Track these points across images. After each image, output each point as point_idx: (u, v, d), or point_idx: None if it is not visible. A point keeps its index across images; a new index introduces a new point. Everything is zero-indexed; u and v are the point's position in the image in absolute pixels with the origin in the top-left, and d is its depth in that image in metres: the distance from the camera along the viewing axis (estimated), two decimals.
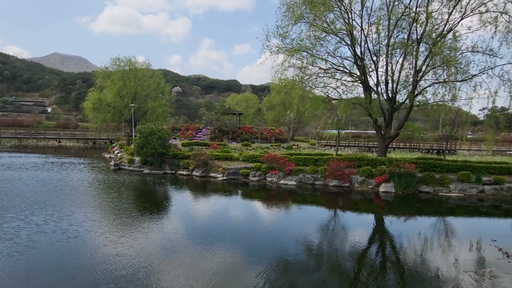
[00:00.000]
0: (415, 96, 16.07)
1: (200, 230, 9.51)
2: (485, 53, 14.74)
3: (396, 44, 16.48)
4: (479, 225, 11.98)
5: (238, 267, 7.11)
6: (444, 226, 11.56)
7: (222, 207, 13.34)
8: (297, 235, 9.65)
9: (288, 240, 9.10)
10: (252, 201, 14.72)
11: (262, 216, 12.11)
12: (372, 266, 7.64)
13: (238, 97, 79.35)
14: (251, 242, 8.69)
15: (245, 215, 12.08)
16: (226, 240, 8.67)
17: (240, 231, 9.80)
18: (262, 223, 11.05)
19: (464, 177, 15.99)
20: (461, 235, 10.43)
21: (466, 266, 7.35)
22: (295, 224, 11.25)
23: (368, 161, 17.37)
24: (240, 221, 11.17)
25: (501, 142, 52.77)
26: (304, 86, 17.84)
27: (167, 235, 8.93)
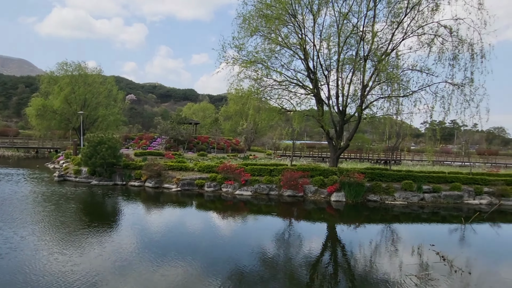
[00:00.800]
0: (363, 109, 17.02)
1: (154, 244, 9.12)
2: (423, 72, 16.12)
3: (345, 60, 17.42)
4: (420, 231, 12.81)
5: (194, 281, 6.91)
6: (390, 233, 12.24)
7: (176, 219, 12.97)
8: (253, 246, 9.65)
9: (244, 251, 9.08)
10: (208, 213, 14.51)
11: (218, 227, 11.95)
12: (325, 273, 7.83)
13: (195, 107, 78.60)
14: (207, 255, 8.53)
15: (201, 227, 11.86)
16: (181, 254, 8.41)
17: (196, 244, 9.58)
18: (218, 234, 10.90)
19: (407, 186, 17.11)
20: (405, 241, 11.09)
21: (408, 270, 7.80)
22: (251, 234, 11.25)
23: (321, 171, 17.95)
24: (195, 233, 10.93)
25: (439, 153, 57.47)
26: (260, 97, 18.13)
27: (115, 251, 8.44)
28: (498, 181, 17.95)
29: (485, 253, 10.07)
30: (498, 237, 12.23)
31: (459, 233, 12.18)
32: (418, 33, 15.94)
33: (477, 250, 10.29)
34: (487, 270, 8.48)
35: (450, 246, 10.35)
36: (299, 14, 17.22)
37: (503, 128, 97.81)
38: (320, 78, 18.20)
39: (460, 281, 7.31)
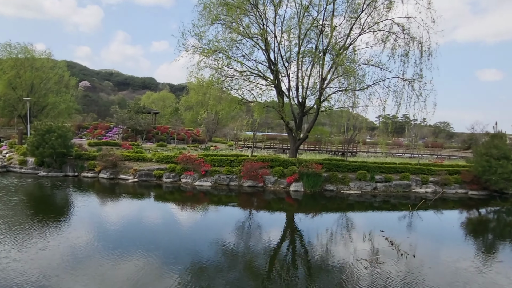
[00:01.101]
0: (322, 102, 17.46)
1: (109, 238, 8.76)
2: (378, 67, 16.87)
3: (305, 52, 17.68)
4: (372, 218, 13.54)
5: (153, 274, 6.75)
6: (345, 221, 12.78)
7: (133, 211, 12.54)
8: (213, 237, 9.60)
9: (204, 242, 9.00)
10: (167, 204, 14.19)
11: (178, 219, 11.76)
12: (283, 261, 8.01)
13: (155, 96, 76.09)
14: (166, 247, 8.36)
15: (160, 219, 11.60)
16: (139, 247, 8.15)
17: (154, 236, 9.34)
18: (178, 226, 10.73)
19: (361, 176, 17.94)
20: (358, 228, 11.65)
21: (360, 255, 8.20)
22: (210, 225, 11.18)
23: (280, 162, 18.25)
24: (154, 225, 10.66)
25: (391, 145, 60.80)
26: (220, 87, 17.91)
27: (64, 245, 7.98)
28: (441, 171, 19.39)
29: (428, 237, 10.88)
30: (440, 222, 13.19)
31: (406, 220, 13.02)
32: (373, 29, 16.59)
33: (421, 235, 11.07)
34: (429, 252, 9.18)
35: (398, 231, 11.03)
36: (260, 4, 17.14)
37: (448, 123, 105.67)
38: (281, 69, 18.35)
39: (405, 263, 7.83)
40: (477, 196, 18.36)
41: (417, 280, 6.85)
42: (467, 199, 17.98)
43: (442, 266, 7.88)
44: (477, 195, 18.40)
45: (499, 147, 17.41)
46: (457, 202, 17.15)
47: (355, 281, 6.59)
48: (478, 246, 10.13)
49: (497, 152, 17.31)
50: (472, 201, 17.59)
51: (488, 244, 10.48)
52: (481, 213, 15.31)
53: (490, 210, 15.90)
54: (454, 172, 19.50)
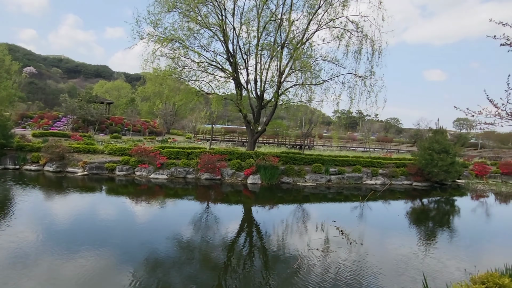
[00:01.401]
0: (279, 95, 17.68)
1: (59, 235, 8.20)
2: (333, 63, 17.43)
3: (264, 45, 17.75)
4: (325, 209, 14.05)
5: (105, 270, 6.46)
6: (300, 212, 13.11)
7: (84, 205, 11.83)
8: (169, 231, 9.41)
9: (160, 236, 8.79)
10: (120, 198, 13.54)
11: (132, 213, 11.30)
12: (241, 254, 8.03)
13: (108, 85, 72.38)
14: (120, 242, 8.02)
15: (113, 213, 11.07)
16: (90, 243, 7.73)
17: (107, 231, 8.91)
18: (132, 220, 10.31)
19: (317, 168, 18.52)
20: (312, 219, 11.98)
21: (312, 245, 8.47)
22: (167, 219, 10.93)
23: (238, 155, 18.27)
24: (107, 220, 10.15)
25: (346, 139, 63.49)
26: (177, 78, 17.45)
27: (12, 242, 7.35)
28: (389, 164, 20.60)
29: (376, 226, 11.53)
30: (387, 212, 14.03)
31: (357, 210, 13.66)
32: (330, 26, 17.05)
33: (369, 224, 11.68)
34: (375, 240, 9.73)
35: (349, 221, 11.56)
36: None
37: (397, 119, 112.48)
38: (239, 62, 18.30)
39: (353, 251, 8.22)
40: (421, 187, 19.78)
41: (362, 266, 7.24)
42: (412, 190, 19.28)
43: (385, 253, 8.40)
44: (421, 186, 19.82)
45: (440, 142, 18.84)
46: (403, 193, 18.34)
47: (306, 270, 6.81)
48: (419, 233, 10.90)
49: (438, 146, 18.72)
50: (416, 191, 18.89)
51: (427, 231, 11.31)
52: (423, 203, 16.50)
53: (431, 200, 17.17)
54: (401, 165, 20.82)
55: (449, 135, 72.43)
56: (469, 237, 10.51)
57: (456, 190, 19.82)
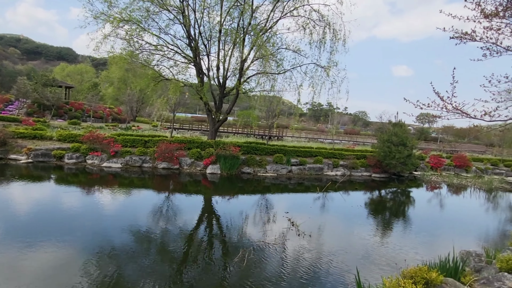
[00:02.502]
0: (241, 83, 17.23)
1: None
2: (296, 52, 17.15)
3: (227, 31, 17.17)
4: (283, 200, 13.91)
5: (57, 265, 5.97)
6: (256, 203, 12.87)
7: (28, 196, 10.88)
8: (125, 222, 8.86)
9: (115, 227, 8.31)
10: (70, 187, 12.49)
11: (84, 203, 10.52)
12: (185, 246, 7.63)
13: (70, 68, 68.49)
14: (71, 235, 7.44)
15: (62, 204, 10.22)
16: (38, 237, 7.09)
17: (57, 223, 8.26)
18: (84, 211, 9.57)
19: (278, 159, 18.38)
20: (267, 210, 11.74)
21: (259, 237, 8.23)
22: (122, 210, 10.30)
23: (198, 144, 17.74)
24: (56, 212, 9.36)
25: (314, 131, 64.36)
26: (134, 62, 16.52)
27: None
28: (350, 155, 20.88)
29: (329, 217, 11.53)
30: (344, 203, 14.08)
31: (313, 201, 13.66)
32: (294, 14, 16.71)
33: (323, 215, 11.66)
34: (326, 232, 9.65)
35: (303, 212, 11.48)
36: None
37: (365, 112, 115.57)
38: (201, 47, 17.60)
39: (299, 243, 8.08)
40: (379, 178, 20.24)
41: (302, 259, 7.08)
42: (371, 181, 19.68)
43: (331, 245, 8.31)
44: (379, 178, 20.28)
45: (399, 135, 19.28)
46: (362, 184, 18.66)
47: (246, 263, 6.54)
48: (371, 224, 11.00)
49: (396, 139, 19.15)
50: (374, 183, 19.29)
51: (380, 222, 11.46)
52: (380, 194, 16.84)
53: (387, 191, 17.57)
54: (361, 157, 21.17)
55: (412, 129, 75.46)
56: (418, 228, 10.72)
57: (412, 182, 20.46)
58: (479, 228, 11.44)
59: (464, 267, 6.09)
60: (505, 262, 5.27)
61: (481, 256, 7.11)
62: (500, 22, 7.55)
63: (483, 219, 13.19)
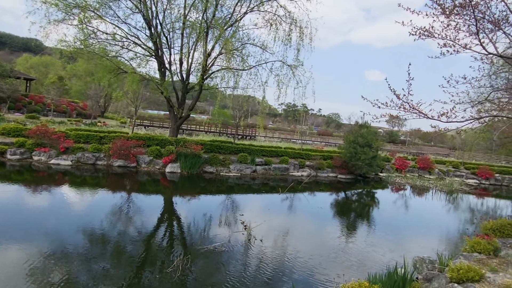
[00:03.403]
0: (205, 79, 16.52)
1: None
2: (262, 48, 16.61)
3: (192, 24, 16.34)
4: (242, 201, 13.30)
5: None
6: (212, 205, 12.24)
7: None
8: (76, 224, 8.04)
9: (66, 230, 7.57)
10: (13, 187, 11.30)
11: (29, 205, 9.45)
12: (132, 251, 6.92)
13: (34, 60, 64.83)
14: (17, 238, 6.72)
15: (4, 205, 9.16)
16: None
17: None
18: (30, 213, 8.62)
19: (242, 158, 17.79)
20: (221, 212, 11.02)
21: (205, 243, 7.57)
22: (73, 211, 9.36)
23: (158, 141, 16.85)
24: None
25: (288, 131, 64.46)
26: (89, 52, 15.39)
27: None
28: (317, 156, 20.65)
29: (285, 220, 11.06)
30: (306, 204, 13.67)
31: (273, 202, 13.20)
32: (260, 9, 16.17)
33: (280, 218, 11.18)
34: (279, 236, 8.99)
35: (261, 214, 10.95)
36: None
37: (338, 114, 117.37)
38: (163, 40, 16.72)
39: (246, 249, 7.51)
40: (345, 179, 20.11)
41: (242, 268, 6.51)
42: (336, 182, 19.51)
43: (280, 252, 7.74)
44: (345, 179, 20.15)
45: (364, 136, 19.22)
46: (327, 185, 18.44)
47: (181, 272, 5.88)
48: (330, 227, 10.63)
49: (362, 140, 19.08)
50: (340, 184, 19.13)
51: (339, 225, 11.14)
52: (342, 195, 16.66)
53: (351, 193, 17.42)
54: (328, 157, 20.98)
55: (382, 131, 77.27)
56: (376, 232, 10.44)
57: (377, 183, 20.51)
58: (438, 231, 11.36)
59: (413, 276, 5.76)
60: (456, 271, 4.95)
61: (434, 263, 6.83)
62: (458, 19, 7.35)
63: (442, 221, 13.21)
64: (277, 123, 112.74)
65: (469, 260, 6.22)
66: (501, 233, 7.98)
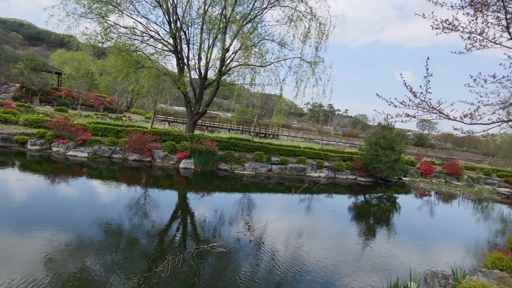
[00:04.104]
0: (222, 75, 16.28)
1: None
2: (281, 45, 16.13)
3: (210, 19, 16.15)
4: (253, 200, 12.90)
5: (19, 256, 5.50)
6: (222, 203, 11.94)
7: None
8: (93, 215, 8.17)
9: (83, 221, 7.71)
10: (33, 176, 11.49)
11: (49, 193, 9.77)
12: (153, 244, 6.97)
13: (67, 55, 67.44)
14: (37, 226, 6.90)
15: (25, 192, 9.44)
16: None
17: (21, 214, 7.57)
18: (50, 202, 8.89)
19: (258, 157, 17.43)
20: (229, 211, 10.70)
21: (204, 242, 7.30)
22: (89, 202, 9.50)
23: (174, 136, 16.83)
24: (20, 200, 8.69)
25: (313, 131, 63.39)
26: (109, 46, 15.59)
27: None
28: (336, 157, 19.92)
29: (293, 222, 10.57)
30: (316, 206, 13.08)
31: (284, 203, 12.77)
32: (281, 5, 15.70)
33: (287, 219, 10.74)
34: (281, 239, 8.48)
35: (268, 215, 10.56)
36: None
37: (365, 115, 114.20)
38: (182, 35, 16.63)
39: (244, 251, 7.16)
40: (365, 182, 19.28)
41: (238, 270, 6.18)
42: (356, 184, 18.73)
43: (281, 256, 7.30)
44: (365, 182, 19.32)
45: (387, 138, 18.31)
46: (345, 187, 17.74)
47: (170, 273, 5.62)
48: (336, 232, 10.08)
49: (384, 142, 18.19)
50: (359, 187, 18.34)
51: (346, 230, 10.54)
52: (359, 199, 15.90)
53: (369, 197, 16.60)
54: (348, 159, 20.20)
55: (411, 135, 74.31)
56: (389, 241, 9.77)
57: (400, 188, 19.52)
58: (458, 242, 10.51)
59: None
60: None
61: (448, 278, 6.21)
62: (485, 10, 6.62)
63: (465, 231, 12.26)
64: (302, 122, 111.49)
65: (488, 277, 5.57)
66: None
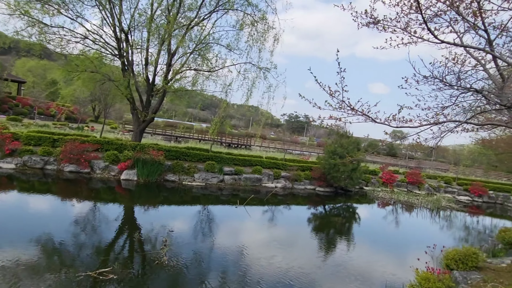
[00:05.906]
0: (170, 80, 15.37)
1: None
2: (231, 50, 15.42)
3: (157, 23, 15.30)
4: (190, 214, 11.90)
5: None
6: (153, 217, 10.89)
7: None
8: (21, 232, 7.25)
9: (10, 238, 6.91)
10: None
11: None
12: (48, 266, 5.67)
13: (31, 64, 64.54)
14: None
15: None
16: None
17: None
18: None
19: (209, 167, 16.47)
20: (156, 226, 9.67)
21: (101, 266, 6.25)
22: (17, 218, 8.36)
23: (117, 146, 15.66)
24: None
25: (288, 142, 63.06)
26: (45, 46, 14.43)
27: None
28: (294, 166, 19.23)
29: (228, 238, 9.68)
30: (260, 219, 12.26)
31: (222, 216, 11.90)
32: (227, 7, 15.05)
33: (223, 235, 9.85)
34: (195, 260, 7.35)
35: (196, 230, 9.62)
36: None
37: (341, 126, 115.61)
38: (129, 38, 15.68)
39: (148, 275, 6.17)
40: (323, 192, 18.63)
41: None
42: (315, 195, 18.06)
43: (193, 277, 6.43)
44: (324, 192, 18.67)
45: (344, 146, 17.83)
46: (303, 198, 17.07)
47: None
48: (266, 248, 9.20)
49: (342, 150, 17.68)
50: (318, 197, 17.68)
51: (277, 245, 9.73)
52: (313, 210, 15.27)
53: (321, 208, 15.95)
54: (307, 168, 19.56)
55: (384, 145, 75.35)
56: (317, 261, 9.03)
57: (362, 198, 19.02)
58: (398, 255, 9.89)
59: None
60: None
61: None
62: None
63: (414, 243, 11.63)
64: (278, 133, 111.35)
65: None
66: (465, 264, 6.56)
